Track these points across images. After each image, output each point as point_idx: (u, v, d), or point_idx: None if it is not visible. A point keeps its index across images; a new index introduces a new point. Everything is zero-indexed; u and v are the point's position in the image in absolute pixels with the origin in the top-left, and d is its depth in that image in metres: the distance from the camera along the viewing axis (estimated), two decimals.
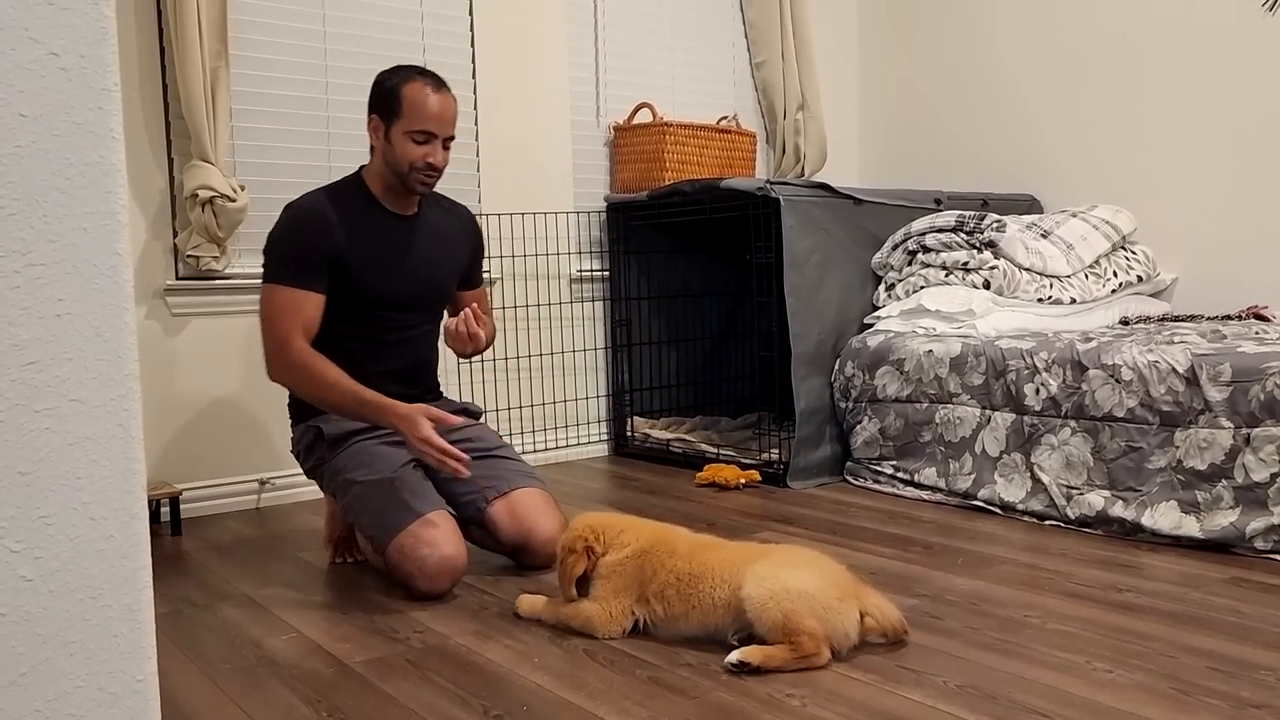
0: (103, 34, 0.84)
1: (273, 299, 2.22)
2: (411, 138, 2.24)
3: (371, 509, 2.18)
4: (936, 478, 2.92)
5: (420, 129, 2.24)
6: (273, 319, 2.21)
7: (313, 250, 2.23)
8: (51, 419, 0.84)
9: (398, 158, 2.26)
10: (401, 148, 2.25)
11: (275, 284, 2.22)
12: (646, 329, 3.86)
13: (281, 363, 2.21)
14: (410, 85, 2.24)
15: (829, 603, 1.69)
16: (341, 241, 2.26)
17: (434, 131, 2.25)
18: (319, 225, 2.24)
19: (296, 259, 2.22)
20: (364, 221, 2.31)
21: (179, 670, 1.79)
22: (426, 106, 2.24)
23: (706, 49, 4.13)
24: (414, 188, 2.31)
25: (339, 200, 2.30)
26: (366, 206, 2.33)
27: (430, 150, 2.26)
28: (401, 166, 2.27)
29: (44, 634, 0.85)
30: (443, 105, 2.26)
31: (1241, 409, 2.32)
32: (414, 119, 2.24)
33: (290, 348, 2.19)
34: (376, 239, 2.32)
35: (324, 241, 2.24)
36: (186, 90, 2.81)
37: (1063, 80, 3.86)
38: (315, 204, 2.28)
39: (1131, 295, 3.49)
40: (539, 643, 1.86)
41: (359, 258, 2.28)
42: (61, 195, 0.83)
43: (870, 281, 3.42)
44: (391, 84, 2.26)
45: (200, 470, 2.99)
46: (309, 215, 2.25)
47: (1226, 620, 1.87)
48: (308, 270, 2.22)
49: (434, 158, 2.27)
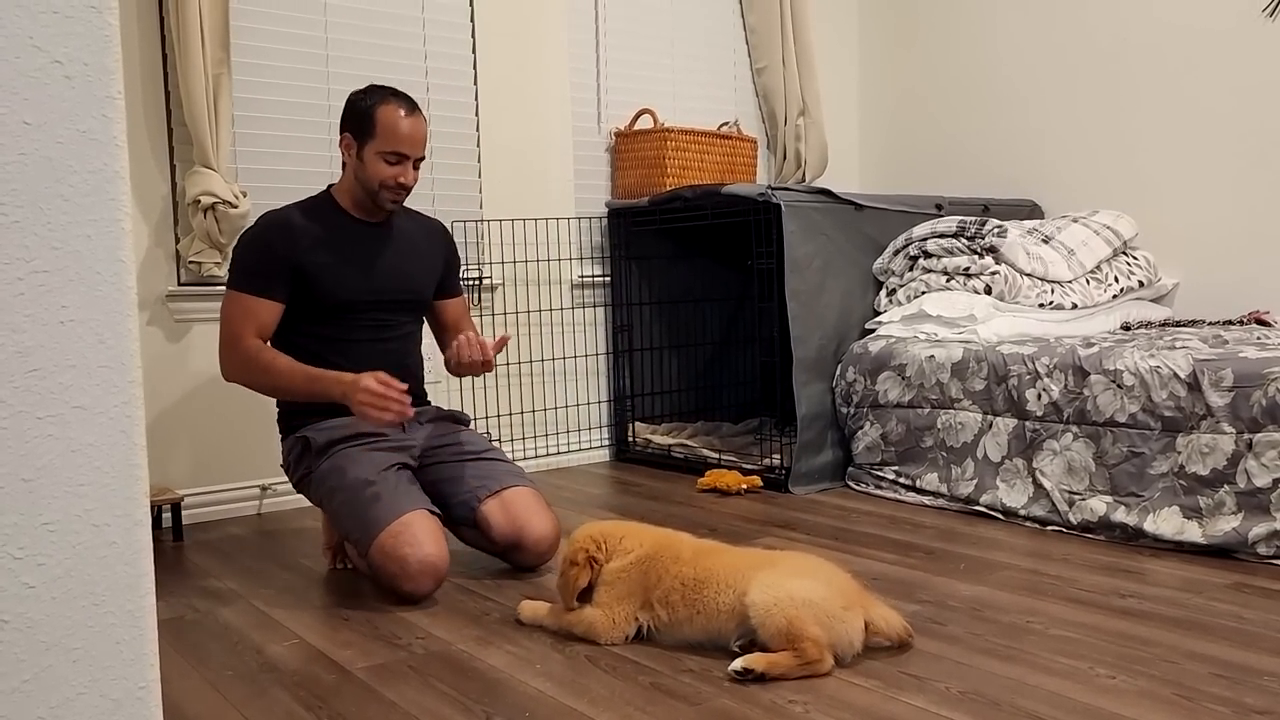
0: (106, 42, 0.85)
1: (231, 304, 2.30)
2: (384, 158, 2.32)
3: (353, 513, 2.19)
4: (938, 483, 2.92)
5: (393, 150, 2.31)
6: (228, 322, 2.30)
7: (273, 260, 2.29)
8: (55, 426, 0.84)
9: (369, 176, 2.34)
10: (374, 167, 2.32)
11: (235, 290, 2.31)
12: (648, 334, 3.87)
13: (232, 360, 2.29)
14: (384, 107, 2.31)
15: (834, 611, 1.69)
16: (308, 248, 2.32)
17: (406, 153, 2.33)
18: (282, 236, 2.31)
19: (256, 268, 2.30)
20: (333, 228, 2.38)
21: (181, 677, 1.79)
22: (399, 129, 2.31)
23: (707, 55, 4.13)
24: (384, 205, 2.38)
25: (309, 212, 2.38)
26: (336, 215, 2.40)
27: (401, 170, 2.34)
28: (372, 185, 2.34)
29: (46, 641, 0.85)
30: (414, 128, 2.34)
31: (1243, 414, 2.32)
32: (387, 140, 2.31)
33: (240, 344, 2.27)
34: (346, 242, 2.38)
35: (286, 252, 2.30)
36: (189, 97, 2.81)
37: (1063, 85, 3.87)
38: (282, 216, 2.36)
39: (1133, 300, 3.49)
40: (541, 649, 1.86)
41: (328, 261, 2.33)
42: (65, 202, 0.84)
43: (871, 287, 3.42)
44: (366, 105, 2.33)
45: (202, 476, 2.99)
46: (273, 227, 2.33)
47: (1229, 626, 1.87)
48: (266, 279, 2.29)
49: (405, 177, 2.35)
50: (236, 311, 2.29)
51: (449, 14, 3.43)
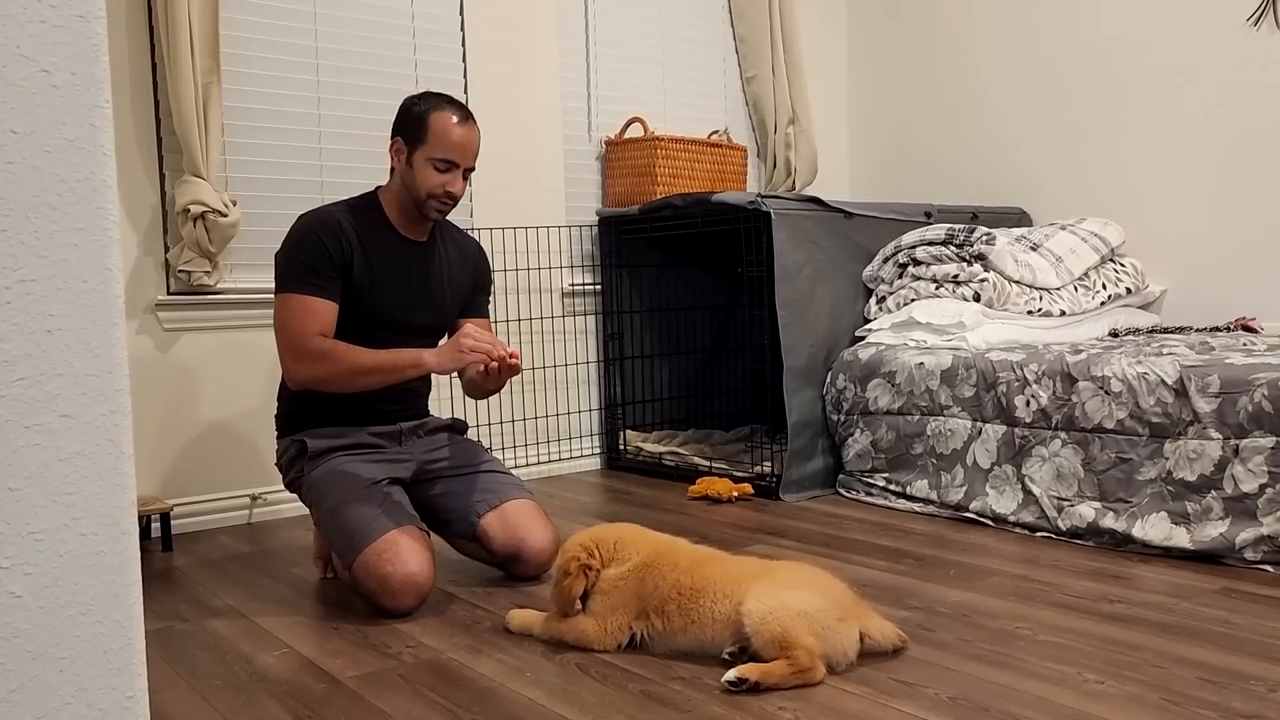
0: (94, 51, 0.85)
1: (287, 306, 2.21)
2: (434, 164, 2.26)
3: (339, 526, 2.17)
4: (928, 490, 2.93)
5: (443, 157, 2.26)
6: (287, 323, 2.20)
7: (327, 259, 2.23)
8: (42, 434, 0.84)
9: (417, 183, 2.28)
10: (423, 173, 2.27)
11: (289, 292, 2.21)
12: (639, 343, 3.87)
13: (302, 358, 2.19)
14: (438, 114, 2.27)
15: (829, 622, 1.69)
16: (354, 255, 2.26)
17: (456, 161, 2.28)
18: (334, 235, 2.24)
19: (312, 267, 2.21)
20: (377, 241, 2.32)
21: (169, 686, 1.78)
22: (451, 136, 2.26)
23: (697, 64, 4.15)
24: (429, 214, 2.32)
25: (356, 216, 2.31)
26: (381, 227, 2.34)
27: (451, 179, 2.28)
28: (419, 192, 2.28)
29: (33, 650, 0.85)
30: (468, 136, 2.29)
31: (1230, 420, 2.33)
32: (438, 147, 2.26)
33: (308, 341, 2.18)
34: (387, 260, 2.32)
35: (338, 251, 2.24)
36: (178, 106, 2.81)
37: (1051, 94, 3.89)
38: (332, 215, 2.28)
39: (1120, 307, 3.50)
40: (532, 657, 1.85)
41: (368, 276, 2.28)
42: (52, 211, 0.84)
43: (861, 294, 3.43)
44: (420, 110, 2.28)
45: (192, 486, 2.98)
46: (325, 225, 2.25)
47: (1217, 631, 1.88)
48: (322, 278, 2.22)
49: (453, 186, 2.29)
50: (297, 311, 2.19)
51: (440, 23, 3.44)
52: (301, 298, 2.20)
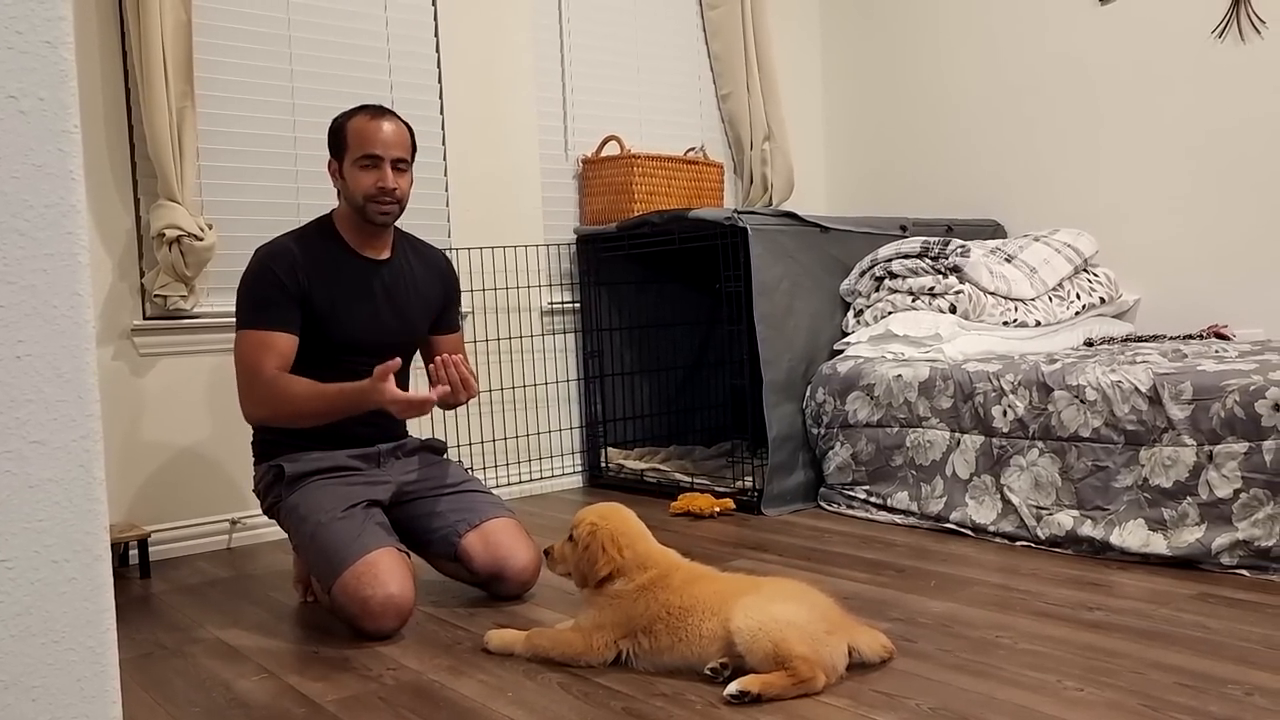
0: (62, 76, 0.85)
1: (245, 342, 2.24)
2: (359, 166, 2.29)
3: (318, 549, 2.16)
4: (909, 501, 2.94)
5: (364, 153, 2.29)
6: (244, 357, 2.23)
7: (280, 290, 2.24)
8: (12, 461, 0.84)
9: (352, 190, 2.31)
10: (353, 179, 2.30)
11: (247, 329, 2.24)
12: (618, 360, 3.88)
13: (252, 395, 2.21)
14: (353, 120, 2.32)
15: (817, 634, 1.69)
16: (309, 284, 2.27)
17: (378, 154, 2.29)
18: (287, 265, 2.26)
19: (265, 301, 2.24)
20: (334, 264, 2.32)
21: (147, 714, 1.76)
22: (367, 132, 2.29)
23: (673, 81, 4.17)
24: (374, 218, 2.32)
25: (307, 245, 2.32)
26: (337, 250, 2.35)
27: (379, 175, 2.29)
28: (357, 199, 2.31)
29: (5, 679, 0.84)
30: (383, 128, 2.30)
31: (1203, 426, 2.35)
32: (358, 146, 2.29)
33: (260, 376, 2.20)
34: (345, 282, 2.33)
35: (293, 281, 2.25)
36: (152, 130, 2.81)
37: (1023, 107, 3.94)
38: (284, 245, 2.30)
39: (1095, 317, 3.54)
40: (513, 676, 1.85)
41: (328, 301, 2.29)
42: (21, 237, 0.84)
43: (839, 308, 3.45)
44: (337, 123, 2.34)
45: (170, 511, 2.96)
46: (277, 257, 2.27)
47: (1194, 636, 1.89)
48: (278, 311, 2.24)
49: (385, 181, 2.29)
50: (251, 346, 2.21)
51: (414, 44, 3.45)
52: (255, 333, 2.23)
